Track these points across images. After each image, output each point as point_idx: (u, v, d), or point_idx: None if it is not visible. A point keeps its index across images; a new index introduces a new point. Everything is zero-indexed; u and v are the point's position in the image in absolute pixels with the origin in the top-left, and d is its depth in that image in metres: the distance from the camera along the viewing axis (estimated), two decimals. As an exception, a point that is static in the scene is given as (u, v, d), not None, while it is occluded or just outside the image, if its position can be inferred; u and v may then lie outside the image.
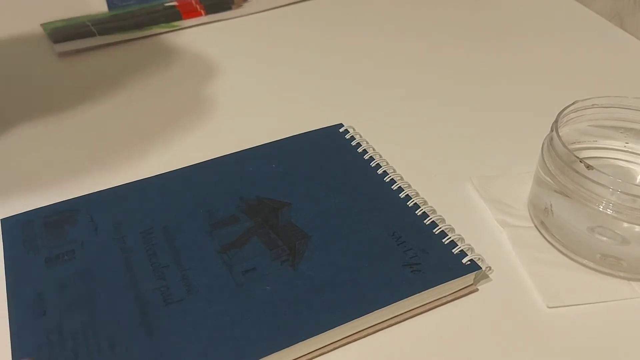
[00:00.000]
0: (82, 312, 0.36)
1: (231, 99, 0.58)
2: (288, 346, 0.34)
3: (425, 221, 0.41)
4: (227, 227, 0.41)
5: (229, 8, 0.73)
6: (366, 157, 0.47)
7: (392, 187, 0.44)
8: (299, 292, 0.37)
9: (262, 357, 0.33)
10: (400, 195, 0.43)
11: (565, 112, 0.42)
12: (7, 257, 0.40)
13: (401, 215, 0.42)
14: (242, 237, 0.41)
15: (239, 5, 0.74)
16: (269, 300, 0.36)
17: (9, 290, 0.38)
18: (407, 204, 0.43)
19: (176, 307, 0.36)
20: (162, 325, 0.35)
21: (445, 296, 0.38)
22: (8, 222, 0.43)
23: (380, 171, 0.45)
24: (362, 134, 0.50)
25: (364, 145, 0.48)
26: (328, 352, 0.35)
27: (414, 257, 0.39)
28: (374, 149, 0.48)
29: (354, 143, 0.49)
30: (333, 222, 0.41)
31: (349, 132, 0.50)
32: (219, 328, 0.35)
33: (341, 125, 0.51)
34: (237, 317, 0.35)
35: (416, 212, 0.42)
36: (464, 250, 0.39)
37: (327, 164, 0.47)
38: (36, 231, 0.42)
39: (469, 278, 0.38)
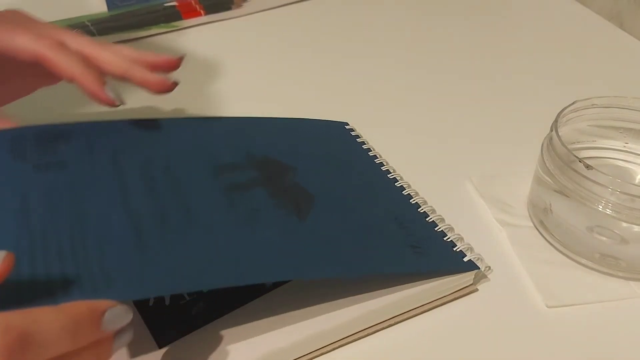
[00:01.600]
0: (70, 218, 0.33)
1: (231, 98, 0.58)
2: (283, 279, 0.33)
3: (425, 220, 0.41)
4: (233, 171, 0.39)
5: (228, 8, 0.73)
6: (369, 154, 0.47)
7: (393, 185, 0.44)
8: (301, 240, 0.35)
9: (257, 282, 0.33)
10: (401, 193, 0.43)
11: (565, 112, 0.42)
12: None
13: (402, 212, 0.42)
14: (247, 182, 0.39)
15: (239, 5, 0.74)
16: (271, 240, 0.35)
17: None
18: (408, 202, 0.42)
19: (172, 228, 0.34)
20: (154, 241, 0.33)
21: (445, 296, 0.38)
22: None
23: (382, 169, 0.45)
24: (362, 133, 0.50)
25: (364, 144, 0.48)
26: (328, 352, 0.35)
27: (416, 241, 0.38)
28: (374, 148, 0.48)
29: (358, 140, 0.49)
30: (338, 194, 0.41)
31: (352, 130, 0.50)
32: (216, 250, 0.33)
33: (346, 123, 0.51)
34: (233, 245, 0.34)
35: (417, 211, 0.42)
36: (463, 250, 0.39)
37: (332, 148, 0.47)
38: (27, 143, 0.38)
39: (468, 277, 0.38)
